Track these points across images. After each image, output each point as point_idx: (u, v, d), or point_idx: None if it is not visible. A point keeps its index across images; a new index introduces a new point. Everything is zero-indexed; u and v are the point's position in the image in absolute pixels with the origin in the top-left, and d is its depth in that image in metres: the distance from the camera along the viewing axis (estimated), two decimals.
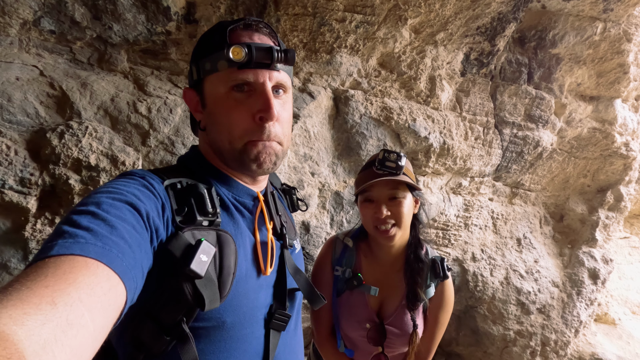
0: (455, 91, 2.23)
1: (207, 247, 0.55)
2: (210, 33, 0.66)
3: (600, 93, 2.44)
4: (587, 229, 2.72)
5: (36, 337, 0.32)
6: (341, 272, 1.15)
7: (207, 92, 0.65)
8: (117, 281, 0.42)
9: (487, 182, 2.53)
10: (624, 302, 3.36)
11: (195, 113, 0.69)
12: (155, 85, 1.70)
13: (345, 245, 1.19)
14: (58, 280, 0.37)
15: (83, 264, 0.40)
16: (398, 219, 1.04)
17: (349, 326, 1.14)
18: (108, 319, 0.41)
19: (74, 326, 0.35)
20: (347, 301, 1.14)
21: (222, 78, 0.62)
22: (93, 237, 0.43)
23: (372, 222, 1.06)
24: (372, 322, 1.10)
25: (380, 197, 1.05)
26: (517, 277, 2.56)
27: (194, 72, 0.65)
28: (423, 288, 1.09)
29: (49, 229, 1.55)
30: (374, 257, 1.16)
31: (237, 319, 0.63)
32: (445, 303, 1.13)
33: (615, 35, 2.19)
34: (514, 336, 2.54)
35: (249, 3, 1.67)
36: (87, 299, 0.38)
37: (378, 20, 1.79)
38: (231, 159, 0.66)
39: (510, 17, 2.02)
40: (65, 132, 1.50)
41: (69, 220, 0.45)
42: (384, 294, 1.12)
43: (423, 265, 1.10)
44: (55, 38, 1.57)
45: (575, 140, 2.56)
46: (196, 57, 0.65)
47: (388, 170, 1.03)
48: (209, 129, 0.67)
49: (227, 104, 0.62)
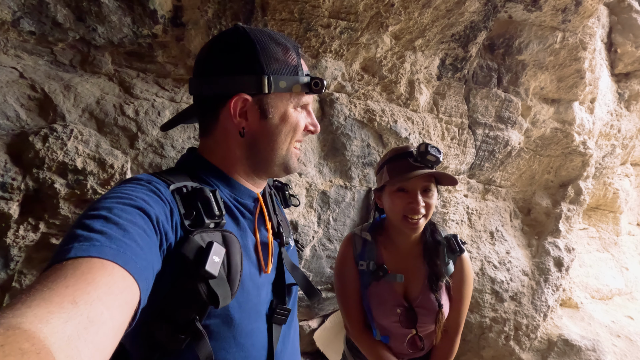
0: (433, 94, 2.36)
1: (219, 249, 0.58)
2: (277, 47, 0.68)
3: (561, 96, 2.67)
4: (552, 221, 2.95)
5: (60, 334, 0.34)
6: (366, 266, 1.20)
7: (275, 106, 0.69)
8: (132, 281, 0.45)
9: (462, 180, 2.69)
10: (585, 288, 3.65)
11: (239, 119, 0.68)
12: (142, 87, 1.69)
13: (364, 239, 1.23)
14: (78, 281, 0.39)
15: (100, 265, 0.42)
16: (429, 210, 1.11)
17: (381, 314, 1.19)
18: (125, 317, 0.43)
19: (94, 323, 0.37)
20: (376, 292, 1.19)
21: (293, 98, 0.70)
22: (107, 240, 0.45)
23: (404, 211, 1.11)
24: (402, 307, 1.16)
25: (416, 188, 1.10)
26: (492, 268, 2.73)
27: (265, 86, 0.66)
28: (443, 268, 1.16)
29: (33, 235, 1.50)
30: (393, 247, 1.22)
31: (244, 315, 0.66)
32: (465, 276, 1.20)
33: (573, 43, 2.40)
34: (489, 323, 2.71)
35: (236, 8, 1.70)
36: (105, 298, 0.40)
37: (361, 26, 1.88)
38: (274, 164, 0.73)
39: (481, 25, 2.17)
40: (49, 136, 1.46)
41: (82, 225, 0.47)
42: (408, 279, 1.18)
43: (440, 246, 1.17)
44: (36, 39, 1.52)
45: (539, 139, 2.77)
46: (264, 71, 0.66)
47: (426, 164, 1.09)
48: (261, 138, 0.70)
49: (292, 119, 0.71)
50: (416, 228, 1.11)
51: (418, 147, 1.12)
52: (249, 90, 0.66)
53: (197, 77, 0.70)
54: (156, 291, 0.53)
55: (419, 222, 1.10)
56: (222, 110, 0.68)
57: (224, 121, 0.69)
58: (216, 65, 0.68)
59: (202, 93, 0.71)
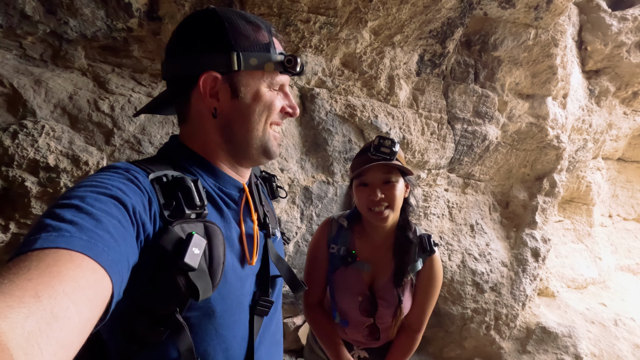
0: (412, 90, 2.40)
1: (199, 240, 0.56)
2: (247, 25, 0.66)
3: (535, 91, 2.76)
4: (529, 213, 3.05)
5: (20, 330, 0.32)
6: (336, 250, 1.23)
7: (246, 84, 0.67)
8: (103, 274, 0.42)
9: (442, 174, 2.74)
10: (561, 278, 3.79)
11: (211, 98, 0.66)
12: (117, 83, 1.65)
13: (340, 225, 1.26)
14: (42, 274, 0.37)
15: (67, 257, 0.40)
16: (391, 201, 1.12)
17: (343, 299, 1.22)
18: (94, 312, 0.41)
19: (59, 319, 0.35)
20: (342, 276, 1.22)
21: (266, 77, 0.68)
22: (78, 231, 0.42)
23: (367, 204, 1.13)
24: (364, 295, 1.19)
25: (374, 181, 1.12)
26: (472, 260, 2.80)
27: (234, 62, 0.64)
28: (410, 266, 1.17)
29: (2, 236, 1.45)
30: (366, 237, 1.24)
31: (226, 307, 0.65)
32: (434, 276, 1.21)
33: (545, 40, 2.49)
34: (471, 314, 2.78)
35: (214, 1, 1.68)
36: (71, 292, 0.38)
37: (340, 22, 1.89)
38: (252, 147, 0.71)
39: (458, 22, 2.22)
40: (18, 132, 1.41)
41: (51, 214, 0.44)
42: (375, 270, 1.20)
43: (411, 245, 1.19)
44: (2, 32, 1.46)
45: (516, 134, 2.86)
46: (233, 48, 0.64)
47: (382, 156, 1.10)
48: (234, 118, 0.68)
49: (265, 98, 0.69)
50: (382, 219, 1.13)
51: (372, 140, 1.13)
52: (218, 68, 0.64)
53: (167, 59, 0.68)
54: (134, 283, 0.51)
55: (383, 212, 1.12)
56: (194, 92, 0.67)
57: (196, 103, 0.68)
58: (184, 44, 0.66)
59: (173, 74, 0.69)
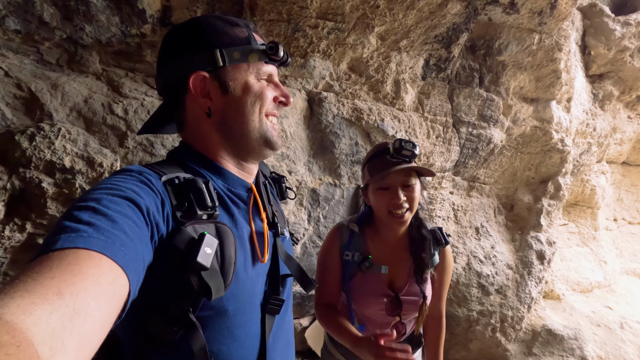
0: (418, 93, 2.43)
1: (211, 240, 0.58)
2: (225, 24, 0.69)
3: (539, 95, 2.78)
4: (534, 216, 3.06)
5: (44, 326, 0.33)
6: (351, 257, 1.22)
7: (234, 78, 0.69)
8: (120, 273, 0.44)
9: (447, 177, 2.76)
10: (566, 281, 3.78)
11: (204, 99, 0.68)
12: (130, 87, 1.69)
13: (351, 230, 1.25)
14: (63, 272, 0.38)
15: (87, 256, 0.41)
16: (412, 204, 1.13)
17: (365, 304, 1.22)
18: (113, 309, 0.42)
19: (80, 314, 0.37)
20: (361, 282, 1.22)
21: (252, 69, 0.70)
22: (95, 232, 0.44)
23: (387, 207, 1.14)
24: (388, 296, 1.19)
25: (396, 184, 1.12)
26: (477, 263, 2.81)
27: (218, 59, 0.66)
28: (429, 260, 1.20)
29: (19, 236, 1.48)
30: (380, 239, 1.25)
31: (238, 306, 0.66)
32: (447, 266, 1.27)
33: (549, 45, 2.52)
34: (476, 316, 2.78)
35: (225, 8, 1.72)
36: (92, 289, 0.39)
37: (348, 27, 1.93)
38: (251, 139, 0.72)
39: (463, 27, 2.25)
40: (36, 134, 1.45)
41: (70, 216, 0.46)
42: (393, 271, 1.21)
43: (426, 241, 1.21)
44: (21, 38, 1.51)
45: (520, 137, 2.88)
46: (214, 45, 0.67)
47: (403, 159, 1.11)
48: (228, 113, 0.70)
49: (255, 89, 0.70)
50: (403, 222, 1.15)
51: (393, 143, 1.14)
52: (204, 67, 0.67)
53: (158, 73, 0.71)
54: (149, 282, 0.53)
55: (404, 215, 1.14)
56: (187, 97, 0.69)
57: (191, 106, 0.70)
58: (170, 53, 0.69)
59: (165, 84, 0.71)
